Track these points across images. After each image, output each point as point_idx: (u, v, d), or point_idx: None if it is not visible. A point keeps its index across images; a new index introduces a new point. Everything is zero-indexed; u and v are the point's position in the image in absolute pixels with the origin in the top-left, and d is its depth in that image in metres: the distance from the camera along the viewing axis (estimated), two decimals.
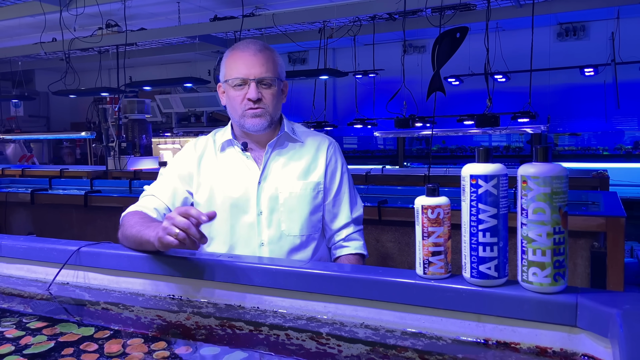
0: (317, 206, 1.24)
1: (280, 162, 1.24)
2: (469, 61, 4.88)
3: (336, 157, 1.28)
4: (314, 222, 1.24)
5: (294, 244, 1.21)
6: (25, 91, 6.48)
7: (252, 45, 1.20)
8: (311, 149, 1.26)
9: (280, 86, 1.22)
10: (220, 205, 1.22)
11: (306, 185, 1.22)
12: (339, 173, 1.27)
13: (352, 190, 1.30)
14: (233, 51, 1.21)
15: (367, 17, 4.63)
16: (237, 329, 0.83)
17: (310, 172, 1.24)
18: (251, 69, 1.17)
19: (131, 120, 4.56)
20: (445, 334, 0.76)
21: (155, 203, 1.21)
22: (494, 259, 0.73)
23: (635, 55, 4.81)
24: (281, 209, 1.21)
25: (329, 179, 1.26)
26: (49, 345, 0.77)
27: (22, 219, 3.02)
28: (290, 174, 1.23)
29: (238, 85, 1.18)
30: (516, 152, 5.65)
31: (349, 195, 1.29)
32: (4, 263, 1.15)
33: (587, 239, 1.64)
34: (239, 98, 1.19)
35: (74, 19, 3.98)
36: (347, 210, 1.28)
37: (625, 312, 0.63)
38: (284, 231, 1.21)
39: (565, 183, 0.70)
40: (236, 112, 1.21)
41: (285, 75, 1.26)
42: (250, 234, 1.21)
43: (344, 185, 1.28)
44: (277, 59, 1.21)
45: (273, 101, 1.20)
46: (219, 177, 1.24)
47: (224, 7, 4.56)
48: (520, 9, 4.23)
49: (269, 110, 1.20)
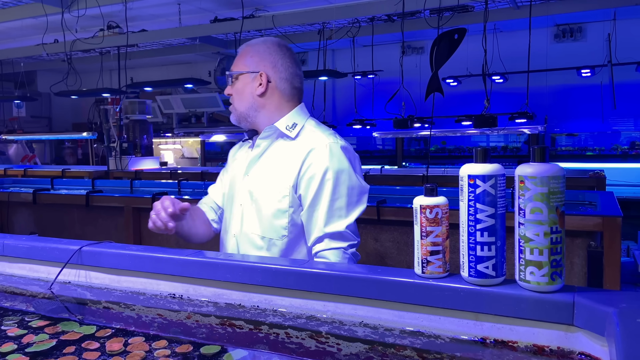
0: (280, 211, 1.15)
1: (266, 157, 1.21)
2: (466, 62, 4.90)
3: (320, 161, 1.11)
4: (276, 227, 1.15)
5: (253, 243, 1.18)
6: (28, 92, 6.49)
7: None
8: (297, 149, 1.16)
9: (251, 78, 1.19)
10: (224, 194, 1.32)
11: (273, 186, 1.16)
12: (317, 180, 1.11)
13: (337, 200, 1.11)
14: None
15: (366, 19, 4.64)
16: (237, 328, 0.83)
17: (282, 174, 1.16)
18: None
19: (132, 120, 4.57)
20: (444, 333, 0.77)
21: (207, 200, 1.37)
22: (492, 258, 0.74)
23: (631, 56, 4.83)
24: (252, 205, 1.19)
25: (304, 186, 1.12)
26: (51, 344, 0.78)
27: (25, 218, 3.04)
28: (267, 171, 1.18)
29: None
30: (514, 153, 5.67)
31: (328, 207, 1.10)
32: (7, 262, 1.16)
33: (584, 239, 1.65)
34: None
35: (76, 20, 4.00)
36: (320, 223, 1.10)
37: (621, 310, 0.63)
38: (247, 228, 1.20)
39: (562, 183, 0.70)
40: None
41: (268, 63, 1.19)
42: (229, 224, 1.26)
43: (323, 195, 1.10)
44: (251, 50, 1.21)
45: (236, 96, 1.23)
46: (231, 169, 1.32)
47: (224, 8, 4.58)
48: (517, 10, 4.24)
49: (234, 106, 1.24)
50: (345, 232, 1.11)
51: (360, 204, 1.15)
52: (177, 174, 3.87)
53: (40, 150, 7.18)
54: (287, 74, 1.21)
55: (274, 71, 1.20)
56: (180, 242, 1.31)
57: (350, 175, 1.13)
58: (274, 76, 1.20)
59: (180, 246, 1.25)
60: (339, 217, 1.11)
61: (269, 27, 4.31)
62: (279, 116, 1.21)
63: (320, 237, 1.11)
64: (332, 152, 1.13)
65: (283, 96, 1.21)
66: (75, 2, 4.02)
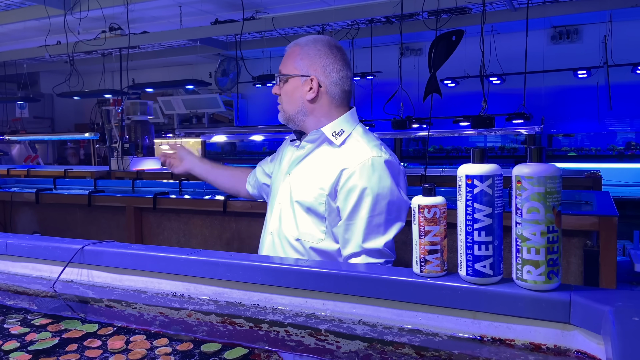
0: (319, 215, 1.13)
1: (308, 160, 1.20)
2: (464, 63, 4.91)
3: (361, 174, 1.08)
4: (311, 232, 1.14)
5: (287, 244, 1.19)
6: (30, 93, 6.52)
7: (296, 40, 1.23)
8: (339, 158, 1.13)
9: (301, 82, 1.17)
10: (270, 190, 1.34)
11: (312, 191, 1.14)
12: (356, 194, 1.08)
13: (376, 217, 1.08)
14: None
15: (365, 21, 4.66)
16: (237, 326, 0.84)
17: (320, 180, 1.14)
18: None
19: (134, 121, 4.59)
20: (442, 331, 0.77)
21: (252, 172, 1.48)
22: (489, 257, 0.75)
23: (627, 57, 4.85)
24: (290, 206, 1.19)
25: (342, 198, 1.10)
26: (54, 342, 0.78)
27: (27, 218, 3.05)
28: (307, 175, 1.17)
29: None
30: (511, 153, 5.69)
31: (367, 223, 1.08)
32: (10, 261, 1.17)
33: (581, 238, 1.66)
34: None
35: (78, 22, 4.02)
36: (358, 238, 1.08)
37: (617, 309, 0.64)
38: (282, 228, 1.20)
39: (558, 183, 0.71)
40: None
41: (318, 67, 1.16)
42: (268, 221, 1.27)
43: (361, 210, 1.08)
44: (301, 51, 1.17)
45: (285, 98, 1.21)
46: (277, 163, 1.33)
47: (224, 10, 4.60)
48: (514, 12, 4.26)
49: (282, 106, 1.22)
50: (383, 249, 1.09)
51: (399, 221, 1.12)
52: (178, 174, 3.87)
53: (42, 150, 7.20)
54: (338, 78, 1.17)
55: (324, 76, 1.16)
56: (181, 241, 1.32)
57: (392, 191, 1.10)
58: (325, 81, 1.16)
59: (182, 245, 1.26)
60: (377, 233, 1.09)
61: (269, 29, 4.32)
62: (328, 121, 1.18)
63: (357, 252, 1.09)
64: (374, 167, 1.10)
65: (333, 101, 1.18)
66: (77, 4, 4.05)
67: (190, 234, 2.45)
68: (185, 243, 2.43)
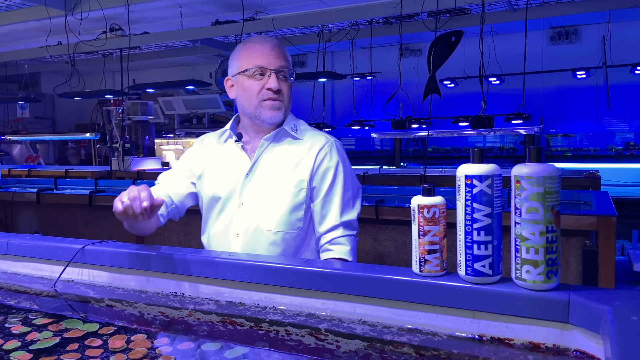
0: (297, 204, 1.19)
1: (272, 156, 1.22)
2: (464, 64, 4.92)
3: (331, 156, 1.21)
4: (292, 221, 1.19)
5: (268, 239, 1.19)
6: (32, 93, 6.53)
7: (269, 40, 1.21)
8: (305, 147, 1.22)
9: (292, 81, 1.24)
10: (212, 194, 1.25)
11: (289, 181, 1.19)
12: (331, 173, 1.20)
13: (347, 192, 1.22)
14: (249, 44, 1.21)
15: (364, 21, 4.66)
16: (237, 325, 0.85)
17: (296, 169, 1.20)
18: (271, 60, 1.17)
19: (134, 121, 4.59)
20: (441, 330, 0.78)
21: (159, 191, 1.26)
22: (489, 257, 0.75)
23: (625, 58, 4.85)
24: (261, 202, 1.20)
25: (319, 179, 1.20)
26: (55, 341, 0.79)
27: (29, 218, 3.06)
28: (278, 169, 1.21)
29: (258, 74, 1.18)
30: (510, 153, 5.70)
31: (342, 197, 1.20)
32: (11, 261, 1.17)
33: (579, 238, 1.66)
34: (256, 88, 1.18)
35: (79, 23, 4.02)
36: (336, 212, 1.19)
37: (616, 308, 0.64)
38: (259, 225, 1.20)
39: (557, 183, 0.71)
40: (252, 102, 1.20)
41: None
42: (228, 224, 1.23)
43: (337, 187, 1.20)
44: (289, 57, 1.23)
45: (289, 94, 1.22)
46: (215, 168, 1.26)
47: (225, 11, 4.60)
48: (513, 13, 4.27)
49: (285, 103, 1.21)
50: (354, 221, 1.23)
51: (360, 197, 1.27)
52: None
53: (43, 150, 7.21)
54: None
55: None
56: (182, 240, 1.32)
57: (352, 171, 1.26)
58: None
59: (182, 245, 1.27)
60: (350, 207, 1.22)
61: (269, 30, 4.33)
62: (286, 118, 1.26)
63: (335, 225, 1.20)
64: (338, 149, 1.24)
65: None
66: (78, 5, 4.05)
67: (191, 233, 2.45)
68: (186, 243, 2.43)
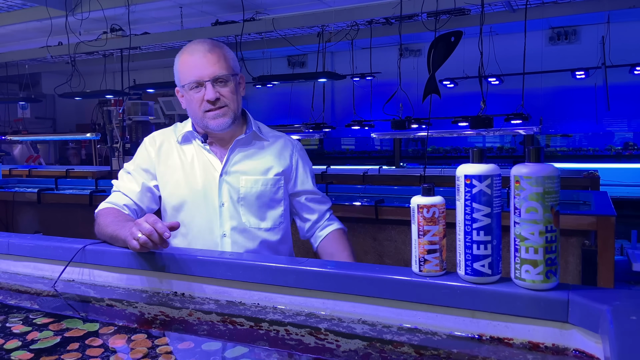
0: (277, 200, 1.27)
1: (243, 157, 1.26)
2: (463, 64, 4.93)
3: (302, 155, 1.33)
4: (274, 216, 1.27)
5: (257, 236, 1.24)
6: (32, 93, 6.54)
7: (201, 46, 1.19)
8: (276, 147, 1.29)
9: (237, 80, 1.22)
10: (183, 197, 1.24)
11: (267, 180, 1.25)
12: (308, 170, 1.33)
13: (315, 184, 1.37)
14: (183, 55, 1.20)
15: (364, 22, 4.66)
16: (238, 325, 0.85)
17: (271, 169, 1.26)
18: (204, 70, 1.16)
19: (135, 121, 4.60)
20: (441, 330, 0.78)
21: (124, 200, 1.24)
22: (488, 256, 0.75)
23: (625, 58, 4.86)
24: (242, 202, 1.23)
25: (301, 178, 1.31)
26: (55, 341, 0.79)
27: (29, 217, 3.06)
28: (252, 169, 1.25)
29: (195, 87, 1.18)
30: (509, 153, 5.71)
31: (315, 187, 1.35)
32: (12, 261, 1.17)
33: (579, 238, 1.66)
34: (197, 101, 1.19)
35: (80, 23, 4.03)
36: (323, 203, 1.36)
37: (615, 308, 0.64)
38: (245, 222, 1.23)
39: (557, 183, 0.71)
40: (197, 114, 1.21)
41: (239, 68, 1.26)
42: (211, 225, 1.23)
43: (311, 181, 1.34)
44: (228, 54, 1.21)
45: (232, 97, 1.20)
46: (180, 170, 1.25)
47: (225, 11, 4.61)
48: (513, 13, 4.27)
49: (231, 107, 1.20)
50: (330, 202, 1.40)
51: None
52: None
53: (44, 150, 7.22)
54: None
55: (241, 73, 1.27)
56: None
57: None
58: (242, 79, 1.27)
59: None
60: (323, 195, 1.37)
61: (269, 30, 4.33)
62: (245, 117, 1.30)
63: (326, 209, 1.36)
64: (302, 148, 1.36)
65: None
66: (79, 5, 4.06)
67: None
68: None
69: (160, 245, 0.96)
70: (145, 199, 1.26)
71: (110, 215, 1.15)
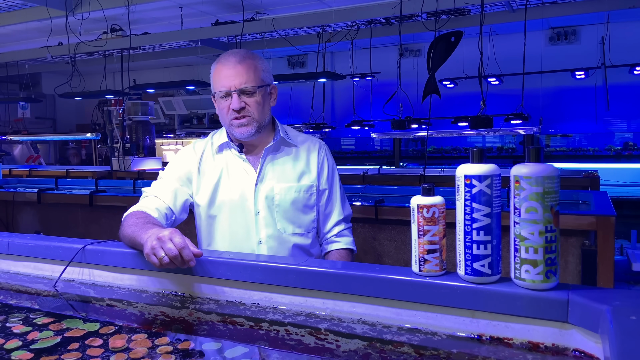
0: (310, 206, 1.31)
1: (275, 165, 1.30)
2: (463, 64, 4.93)
3: (327, 159, 1.36)
4: (307, 222, 1.31)
5: (291, 242, 1.29)
6: (32, 94, 6.55)
7: (233, 57, 1.23)
8: (304, 152, 1.33)
9: (267, 91, 1.27)
10: (219, 205, 1.28)
11: (300, 187, 1.30)
12: (331, 174, 1.36)
13: (342, 189, 1.38)
14: (217, 65, 1.26)
15: (364, 22, 4.67)
16: (238, 325, 0.85)
17: (304, 175, 1.31)
18: (232, 81, 1.22)
19: (135, 122, 4.60)
20: (440, 330, 0.78)
21: (156, 203, 1.23)
22: (488, 256, 0.75)
23: (624, 58, 4.86)
24: (277, 209, 1.27)
25: (323, 181, 1.34)
26: (55, 341, 0.79)
27: (29, 217, 3.06)
28: (285, 176, 1.29)
29: (223, 97, 1.24)
30: (509, 153, 5.72)
31: (340, 195, 1.37)
32: (12, 261, 1.18)
33: (578, 237, 1.66)
34: (225, 109, 1.25)
35: (80, 23, 4.03)
36: (339, 209, 1.36)
37: (615, 308, 0.64)
38: (280, 230, 1.27)
39: (556, 183, 0.71)
40: (225, 121, 1.28)
41: (273, 78, 1.30)
42: (248, 232, 1.27)
43: (336, 185, 1.36)
44: (259, 65, 1.25)
45: (258, 108, 1.24)
46: (218, 179, 1.29)
47: (225, 12, 4.61)
48: (513, 13, 4.27)
49: (254, 117, 1.24)
50: (351, 213, 1.41)
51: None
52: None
53: (44, 150, 7.22)
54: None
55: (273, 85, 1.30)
56: None
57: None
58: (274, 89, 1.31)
59: None
60: (346, 201, 1.39)
61: (269, 30, 4.33)
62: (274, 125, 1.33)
63: (339, 220, 1.36)
64: (327, 150, 1.39)
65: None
66: (79, 5, 4.06)
67: (191, 233, 2.45)
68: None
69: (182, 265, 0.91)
70: (178, 204, 1.27)
71: (134, 217, 1.13)
